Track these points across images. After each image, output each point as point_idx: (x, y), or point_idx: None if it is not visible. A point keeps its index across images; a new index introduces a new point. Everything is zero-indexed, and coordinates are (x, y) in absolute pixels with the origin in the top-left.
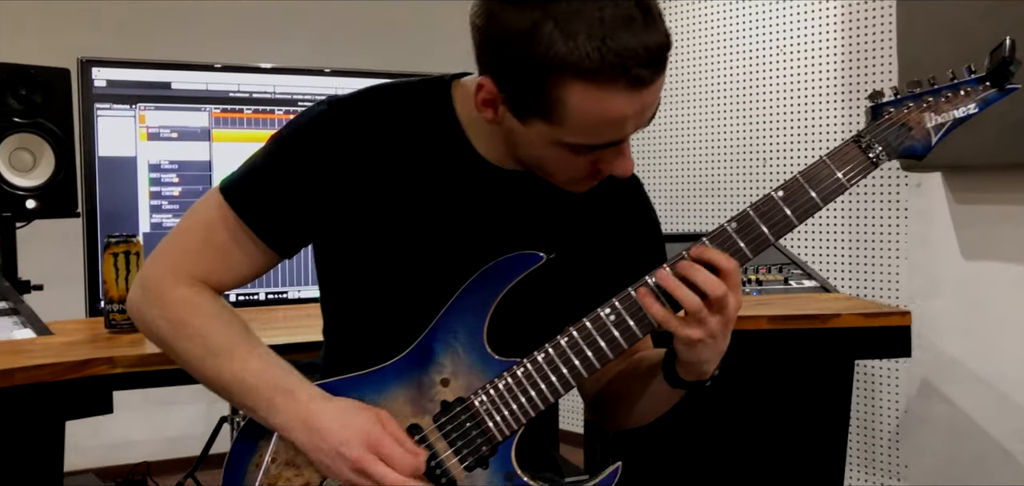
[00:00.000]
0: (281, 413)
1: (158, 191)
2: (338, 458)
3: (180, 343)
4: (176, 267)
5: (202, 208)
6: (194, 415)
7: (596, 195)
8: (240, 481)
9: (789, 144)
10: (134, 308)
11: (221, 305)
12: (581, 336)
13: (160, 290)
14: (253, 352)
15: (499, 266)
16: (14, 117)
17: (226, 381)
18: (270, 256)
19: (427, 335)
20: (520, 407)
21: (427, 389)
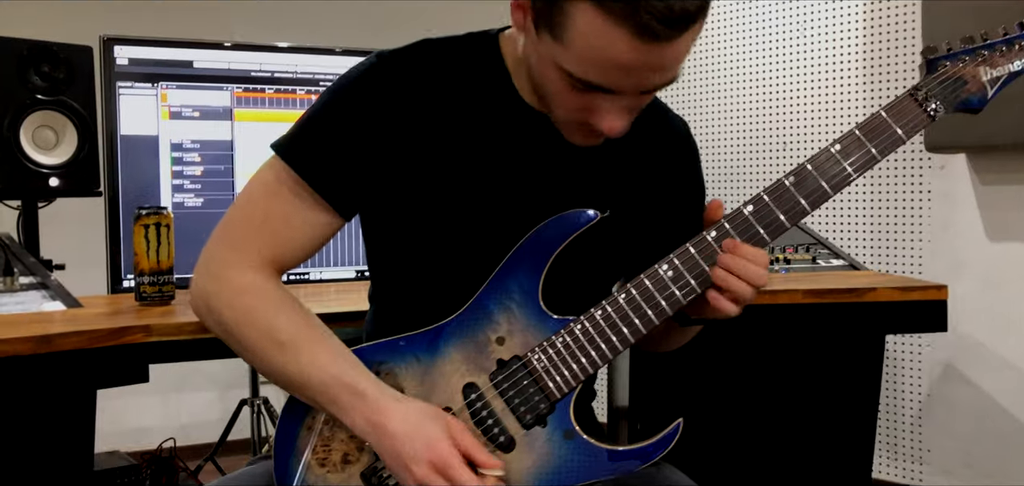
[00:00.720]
0: (348, 412)
1: (180, 170)
2: (403, 470)
3: (246, 333)
4: (242, 248)
5: (261, 177)
6: (208, 401)
7: (648, 147)
8: (293, 445)
9: (812, 134)
10: (200, 297)
11: (287, 294)
12: (640, 293)
13: (228, 278)
14: (319, 346)
15: (553, 224)
16: (37, 94)
17: (291, 375)
18: (332, 217)
19: (482, 294)
20: (579, 365)
21: (483, 347)
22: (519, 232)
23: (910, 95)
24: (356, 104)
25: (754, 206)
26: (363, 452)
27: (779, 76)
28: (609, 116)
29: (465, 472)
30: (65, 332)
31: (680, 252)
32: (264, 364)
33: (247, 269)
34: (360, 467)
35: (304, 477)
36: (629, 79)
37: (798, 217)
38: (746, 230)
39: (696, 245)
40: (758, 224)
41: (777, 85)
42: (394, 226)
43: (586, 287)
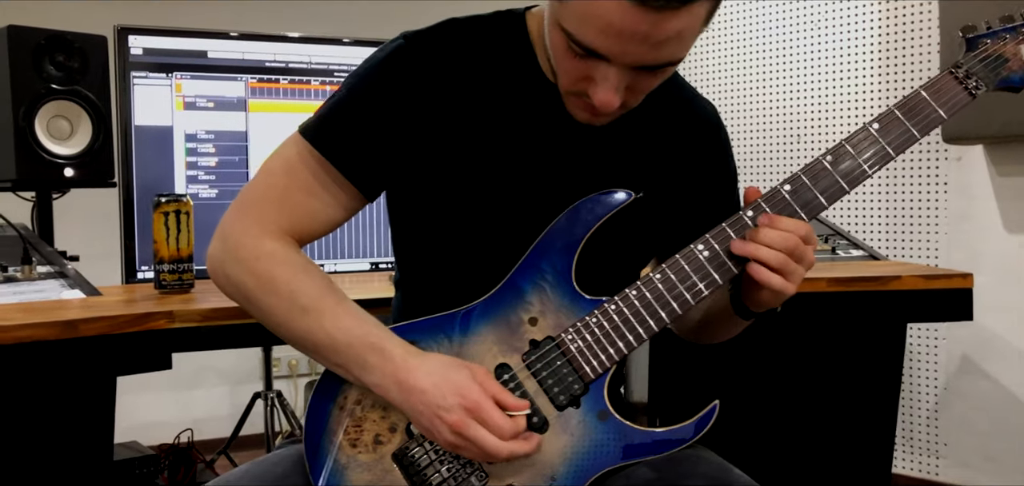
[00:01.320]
0: (374, 372)
1: (194, 161)
2: (436, 420)
3: (267, 299)
4: (260, 218)
5: (282, 154)
6: (219, 396)
7: (677, 132)
8: (324, 425)
9: (827, 132)
10: (216, 264)
11: (307, 260)
12: (675, 273)
13: (246, 244)
14: (343, 309)
15: (586, 205)
16: (52, 84)
17: (316, 339)
18: (354, 198)
19: (514, 274)
20: (614, 345)
21: (515, 328)
22: (549, 213)
23: (950, 73)
24: (382, 85)
25: (791, 186)
26: (395, 433)
27: (794, 74)
28: (602, 87)
29: (497, 413)
30: (89, 318)
31: (716, 232)
32: (287, 329)
33: (266, 237)
34: (392, 448)
35: (335, 457)
36: (622, 46)
37: (836, 196)
38: (783, 209)
39: (732, 224)
40: (795, 202)
41: (792, 83)
42: (422, 208)
43: (617, 269)
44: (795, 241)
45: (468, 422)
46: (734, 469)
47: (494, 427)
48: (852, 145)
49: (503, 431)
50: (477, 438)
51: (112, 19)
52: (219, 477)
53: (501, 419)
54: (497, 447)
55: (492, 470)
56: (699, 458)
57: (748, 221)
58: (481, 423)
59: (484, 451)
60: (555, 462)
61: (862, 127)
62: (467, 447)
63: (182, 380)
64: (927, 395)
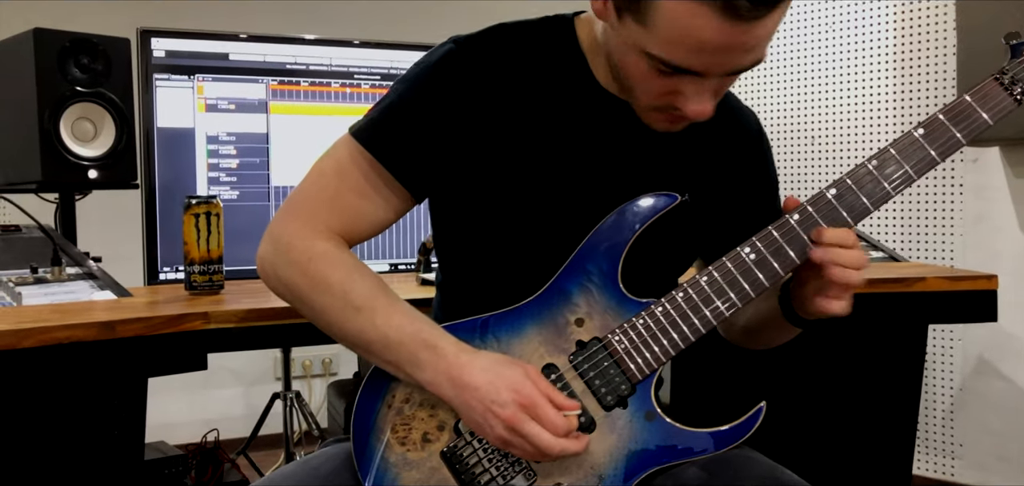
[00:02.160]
0: (427, 369)
1: (216, 163)
2: (489, 415)
3: (321, 299)
4: (311, 219)
5: (332, 156)
6: (232, 398)
7: (721, 139)
8: (372, 423)
9: (845, 134)
10: (267, 266)
11: (358, 260)
12: (722, 276)
13: (297, 246)
14: (395, 307)
15: (632, 207)
16: (77, 86)
17: (368, 337)
18: (404, 199)
19: (560, 276)
20: (661, 347)
21: (562, 329)
22: (595, 215)
23: (995, 79)
24: (433, 88)
25: (836, 190)
26: (443, 431)
27: (810, 76)
28: (695, 99)
29: (551, 410)
30: (125, 319)
31: (762, 235)
32: (340, 328)
33: (318, 238)
34: (440, 446)
35: (383, 455)
36: (715, 60)
37: (881, 201)
38: (829, 214)
39: (779, 228)
40: (841, 207)
41: (808, 85)
42: (469, 209)
43: (661, 272)
44: (850, 255)
45: (522, 418)
46: (786, 470)
47: (548, 424)
48: (898, 150)
49: (557, 428)
50: (531, 434)
51: (134, 22)
52: (267, 475)
53: (555, 416)
54: (550, 443)
55: (540, 469)
56: (750, 459)
57: (794, 225)
58: (535, 420)
59: (537, 448)
60: (602, 462)
61: (907, 133)
62: (519, 444)
63: (196, 381)
64: (943, 396)
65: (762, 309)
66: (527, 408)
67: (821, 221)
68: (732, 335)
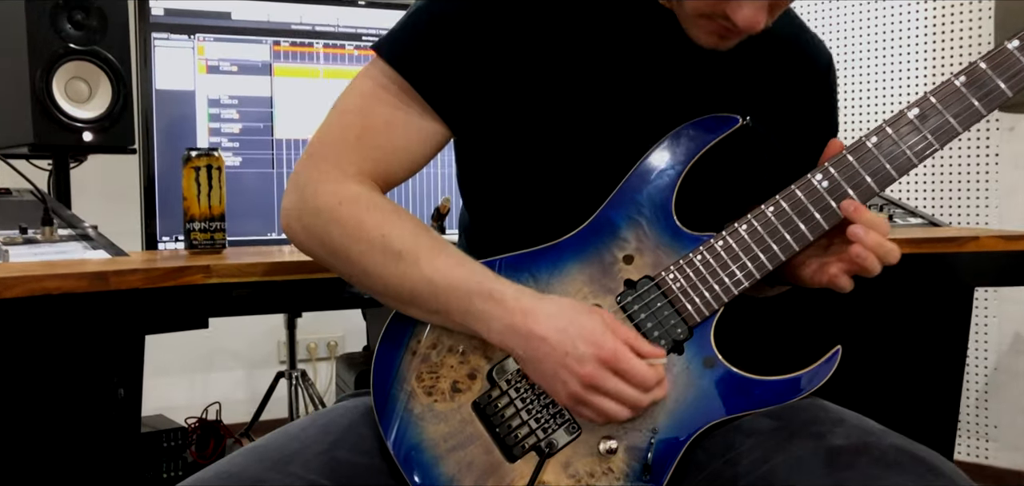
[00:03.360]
0: (482, 319)
1: (218, 127)
2: (563, 371)
3: (356, 247)
4: (339, 162)
5: (357, 88)
6: (235, 381)
7: (784, 67)
8: (394, 372)
9: None
10: (292, 218)
11: (394, 203)
12: (790, 205)
13: (325, 191)
14: (440, 250)
15: (690, 131)
16: (70, 44)
17: (413, 286)
18: (439, 132)
19: (606, 207)
20: (721, 285)
21: (608, 267)
22: (646, 140)
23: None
24: (469, 3)
25: (877, 138)
26: (474, 379)
27: (845, 75)
28: (748, 7)
29: (638, 363)
30: (121, 270)
31: (836, 160)
32: (379, 278)
33: (348, 181)
34: (472, 396)
35: (408, 407)
36: None
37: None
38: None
39: (855, 152)
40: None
41: (843, 88)
42: (504, 136)
43: (719, 205)
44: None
45: (603, 375)
46: (868, 420)
47: (635, 377)
48: (939, 98)
49: (646, 380)
50: (614, 391)
51: None
52: (281, 428)
53: (642, 369)
54: (636, 400)
55: (584, 423)
56: (823, 407)
57: (911, 117)
58: (621, 375)
59: (621, 405)
60: (656, 414)
61: (947, 80)
62: (596, 403)
63: (197, 363)
64: (977, 376)
65: None
66: (608, 362)
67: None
68: None
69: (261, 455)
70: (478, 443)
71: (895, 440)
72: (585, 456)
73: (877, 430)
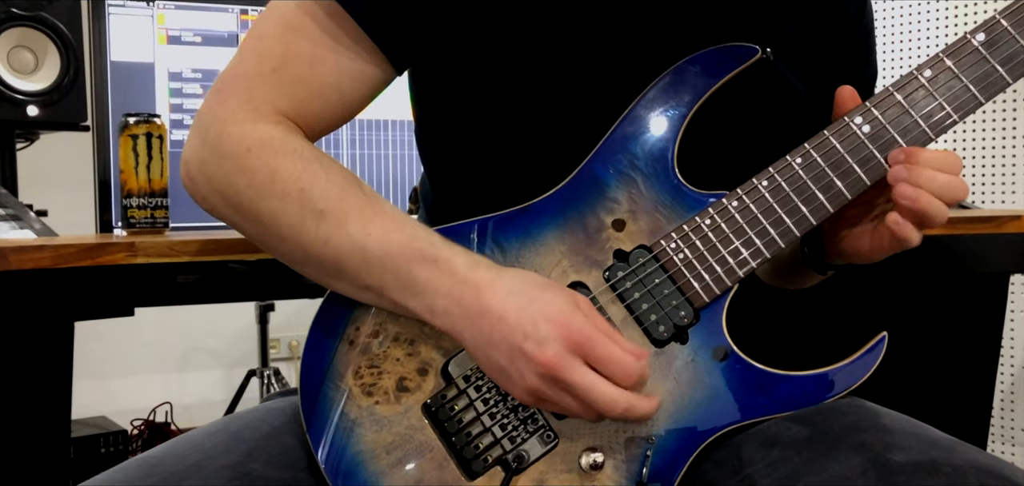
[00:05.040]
0: (425, 293)
1: (180, 103)
2: (519, 358)
3: (266, 204)
4: (252, 98)
5: (276, 10)
6: (211, 381)
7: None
8: (326, 367)
9: None
10: (194, 167)
11: (317, 150)
12: (822, 156)
13: (233, 133)
14: (374, 209)
15: (695, 64)
16: (13, 8)
17: (338, 253)
18: (378, 68)
19: (592, 159)
20: (736, 257)
21: (594, 234)
22: (639, 76)
23: None
24: None
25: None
26: (426, 376)
27: None
28: None
29: (615, 348)
30: (24, 247)
31: (879, 99)
32: (297, 243)
33: (261, 122)
34: (422, 396)
35: (343, 410)
36: None
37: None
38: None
39: (900, 88)
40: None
41: None
42: (463, 75)
43: (731, 158)
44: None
45: (571, 363)
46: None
47: (612, 366)
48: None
49: (627, 371)
50: (581, 386)
51: None
52: (184, 435)
53: (622, 356)
54: (612, 398)
55: (564, 429)
56: (865, 408)
57: (923, 80)
58: (593, 363)
59: (592, 404)
60: (654, 419)
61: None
62: (558, 400)
63: (170, 363)
64: (1001, 376)
65: None
66: (578, 347)
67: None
68: None
69: (150, 468)
70: (429, 455)
71: (970, 455)
72: (563, 472)
73: (944, 442)
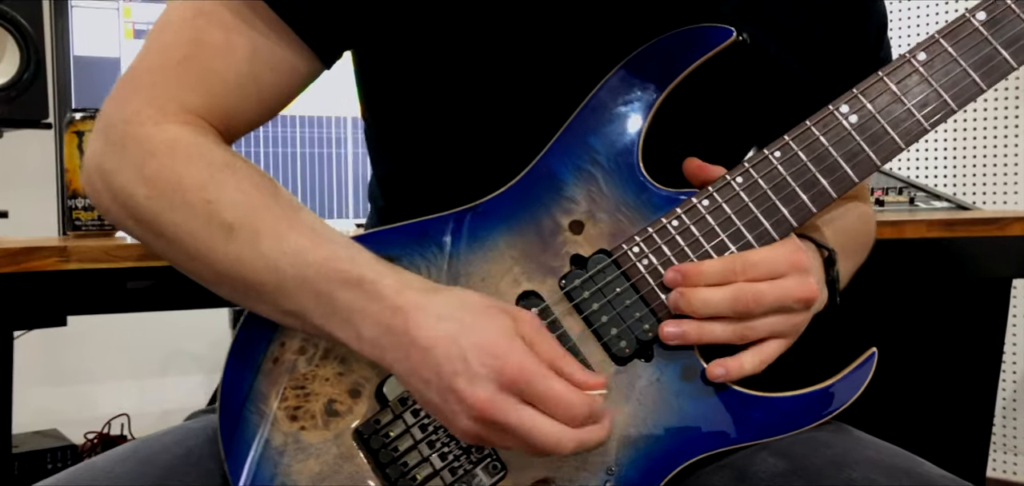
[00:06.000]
0: (351, 319)
1: None
2: (451, 397)
3: (171, 216)
4: (156, 95)
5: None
6: (193, 387)
7: None
8: (248, 387)
9: None
10: (94, 171)
11: (231, 153)
12: (804, 149)
13: (135, 135)
14: (292, 222)
15: (663, 47)
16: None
17: (252, 275)
18: (301, 57)
19: (548, 154)
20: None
21: (550, 237)
22: (600, 61)
23: None
24: None
25: (926, 55)
26: (358, 398)
27: None
28: None
29: (558, 385)
30: None
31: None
32: (207, 263)
33: (166, 122)
34: (354, 421)
35: (267, 438)
36: None
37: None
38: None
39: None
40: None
41: None
42: (404, 62)
43: (702, 152)
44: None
45: (507, 405)
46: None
47: (556, 406)
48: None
49: (572, 412)
50: (523, 429)
51: None
52: (88, 461)
53: (566, 394)
54: (557, 440)
55: (512, 459)
56: (852, 438)
57: (917, 65)
58: (533, 402)
59: (533, 447)
60: (613, 444)
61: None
62: (501, 441)
63: (151, 368)
64: (1003, 385)
65: None
66: (513, 384)
67: (932, 80)
68: None
69: None
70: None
71: None
72: None
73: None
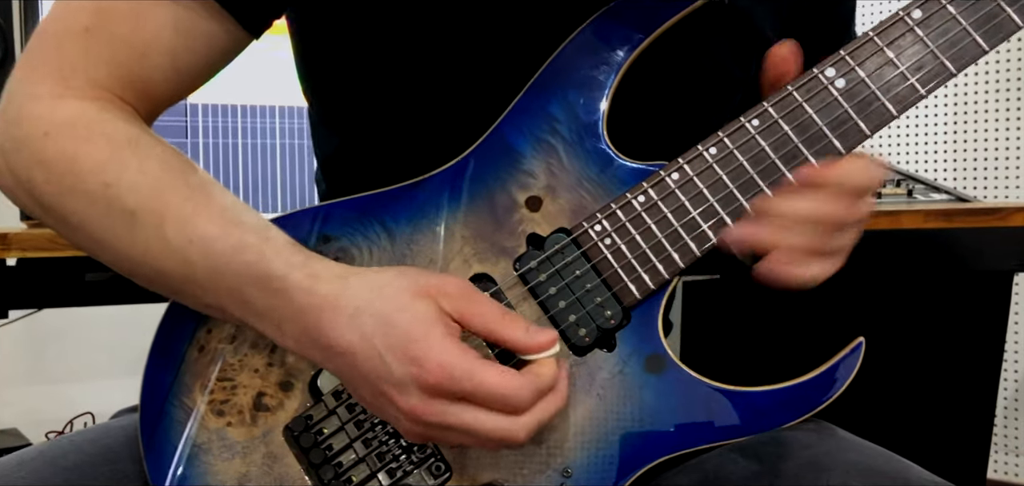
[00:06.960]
0: (268, 318)
1: None
2: (385, 401)
3: (69, 201)
4: (60, 67)
5: None
6: None
7: None
8: (172, 379)
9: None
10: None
11: (135, 128)
12: (784, 117)
13: (32, 112)
14: (197, 205)
15: (631, 5)
16: None
17: (160, 264)
18: (219, 24)
19: (503, 122)
20: (676, 243)
21: (504, 214)
22: (561, 21)
23: None
24: None
25: (921, 12)
26: (291, 391)
27: None
28: None
29: (491, 377)
30: None
31: (857, 46)
32: (113, 253)
33: (67, 98)
34: (285, 417)
35: (190, 432)
36: None
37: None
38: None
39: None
40: None
41: None
42: (349, 28)
43: (673, 121)
44: None
45: (440, 409)
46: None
47: (493, 401)
48: None
49: (513, 402)
50: (463, 428)
51: None
52: (8, 457)
53: (500, 384)
54: (508, 432)
55: (458, 459)
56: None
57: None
58: (467, 400)
59: (485, 443)
60: (570, 442)
61: None
62: (450, 440)
63: (125, 365)
64: (1005, 382)
65: None
66: (438, 389)
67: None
68: None
69: None
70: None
71: None
72: None
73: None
